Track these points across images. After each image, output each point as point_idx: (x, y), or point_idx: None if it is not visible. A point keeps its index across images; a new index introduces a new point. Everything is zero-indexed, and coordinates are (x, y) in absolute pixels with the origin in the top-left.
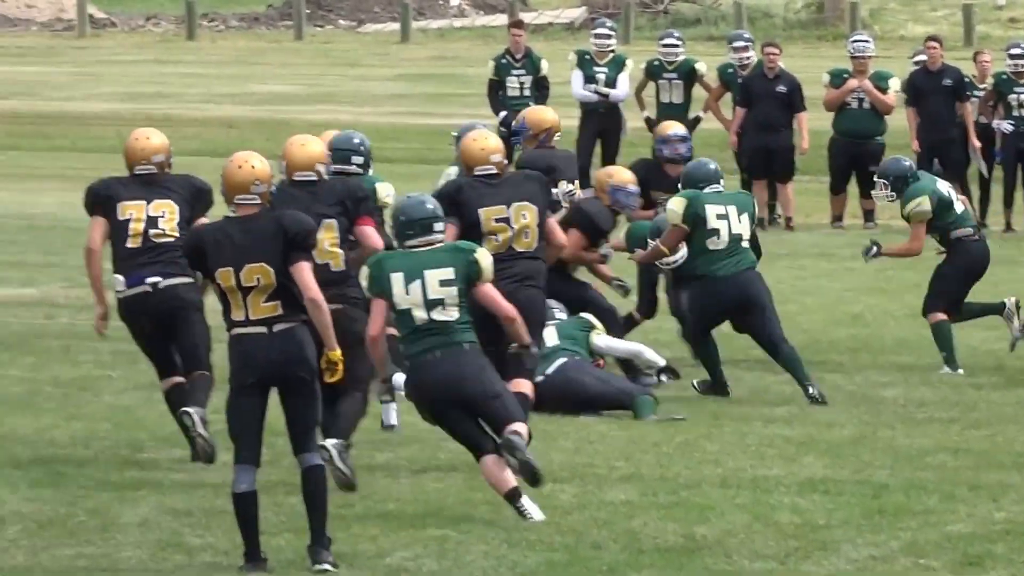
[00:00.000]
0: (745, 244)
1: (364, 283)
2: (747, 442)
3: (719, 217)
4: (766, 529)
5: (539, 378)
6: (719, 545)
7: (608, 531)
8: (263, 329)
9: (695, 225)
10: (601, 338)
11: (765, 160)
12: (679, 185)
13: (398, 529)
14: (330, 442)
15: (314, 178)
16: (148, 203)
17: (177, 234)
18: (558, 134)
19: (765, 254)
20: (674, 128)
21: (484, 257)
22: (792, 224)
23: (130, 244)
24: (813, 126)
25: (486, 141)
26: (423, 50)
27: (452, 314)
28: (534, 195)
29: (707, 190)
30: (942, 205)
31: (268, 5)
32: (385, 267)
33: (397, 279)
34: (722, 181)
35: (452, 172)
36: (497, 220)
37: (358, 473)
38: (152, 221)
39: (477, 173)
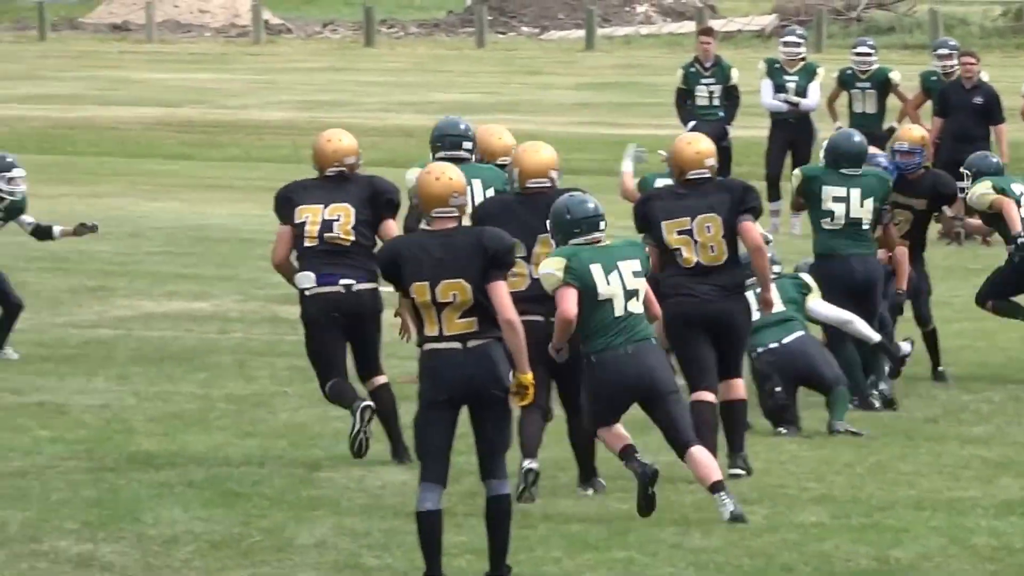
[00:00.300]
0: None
1: (550, 273)
2: (942, 462)
3: (836, 199)
4: (962, 552)
5: (773, 344)
6: (913, 569)
7: (799, 553)
8: (457, 345)
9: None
10: (817, 302)
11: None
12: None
13: (582, 551)
14: (527, 463)
15: (548, 185)
16: (325, 207)
17: (352, 237)
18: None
19: (960, 269)
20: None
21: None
22: (988, 239)
23: (307, 244)
24: (1013, 138)
25: (699, 144)
26: (608, 58)
27: (640, 307)
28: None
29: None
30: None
31: (449, 11)
32: (584, 258)
33: (597, 270)
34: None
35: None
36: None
37: (542, 494)
38: (327, 225)
39: (690, 177)
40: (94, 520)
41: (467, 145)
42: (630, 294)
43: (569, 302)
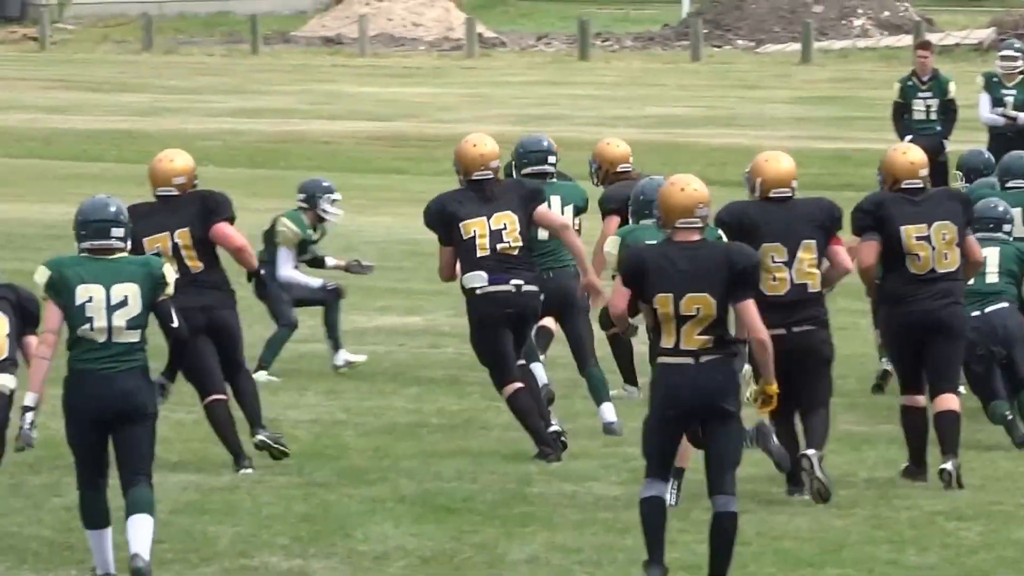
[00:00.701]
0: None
1: (616, 264)
2: None
3: None
4: None
5: (975, 312)
6: None
7: (1016, 571)
8: (690, 360)
9: None
10: None
11: None
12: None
13: (796, 568)
14: (810, 452)
15: (789, 194)
16: (488, 218)
17: (520, 243)
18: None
19: None
20: None
21: None
22: None
23: (479, 255)
24: None
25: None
26: (824, 71)
27: None
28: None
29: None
30: None
31: (664, 24)
32: (638, 236)
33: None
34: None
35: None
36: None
37: (756, 510)
38: (496, 235)
39: (904, 187)
40: (305, 535)
41: (552, 160)
42: None
43: (620, 297)
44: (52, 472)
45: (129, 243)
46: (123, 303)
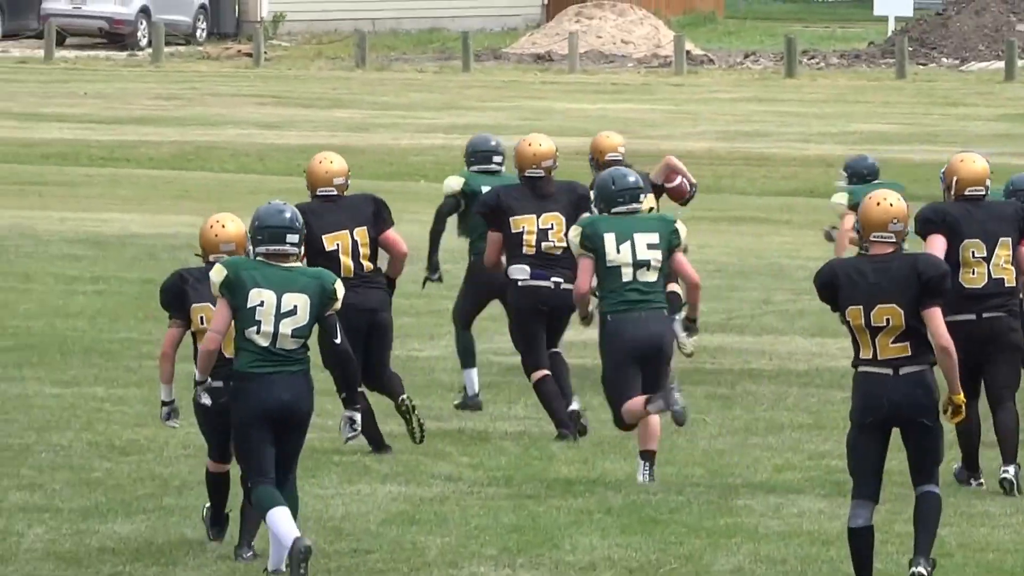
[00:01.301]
0: None
1: (575, 239)
2: None
3: None
4: None
5: None
6: None
7: None
8: (888, 371)
9: None
10: None
11: None
12: None
13: None
14: (1009, 471)
15: (983, 193)
16: (538, 216)
17: (564, 244)
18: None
19: None
20: None
21: (682, 227)
22: None
23: (526, 251)
24: None
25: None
26: None
27: (654, 277)
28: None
29: None
30: None
31: (869, 43)
32: (599, 227)
33: (610, 238)
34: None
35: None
36: None
37: (958, 522)
38: (543, 234)
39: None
40: (513, 546)
41: (497, 159)
42: (640, 264)
43: (584, 271)
44: None
45: (303, 248)
46: (292, 312)
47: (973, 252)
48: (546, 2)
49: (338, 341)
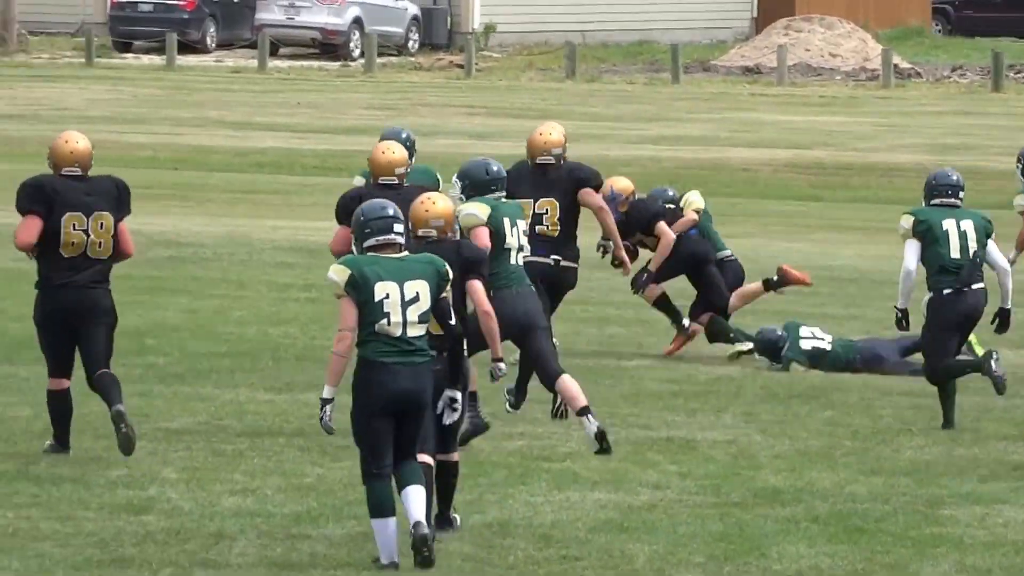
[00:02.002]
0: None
1: (473, 214)
2: None
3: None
4: None
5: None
6: None
7: None
8: None
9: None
10: None
11: None
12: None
13: None
14: None
15: None
16: (535, 201)
17: (559, 228)
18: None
19: None
20: None
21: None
22: None
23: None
24: None
25: None
26: None
27: (522, 260)
28: None
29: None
30: None
31: None
32: (501, 211)
33: (507, 223)
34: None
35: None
36: None
37: None
38: (538, 218)
39: None
40: (720, 554)
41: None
42: (521, 248)
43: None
44: (473, 490)
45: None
46: (415, 299)
47: None
48: (755, 15)
49: (452, 323)
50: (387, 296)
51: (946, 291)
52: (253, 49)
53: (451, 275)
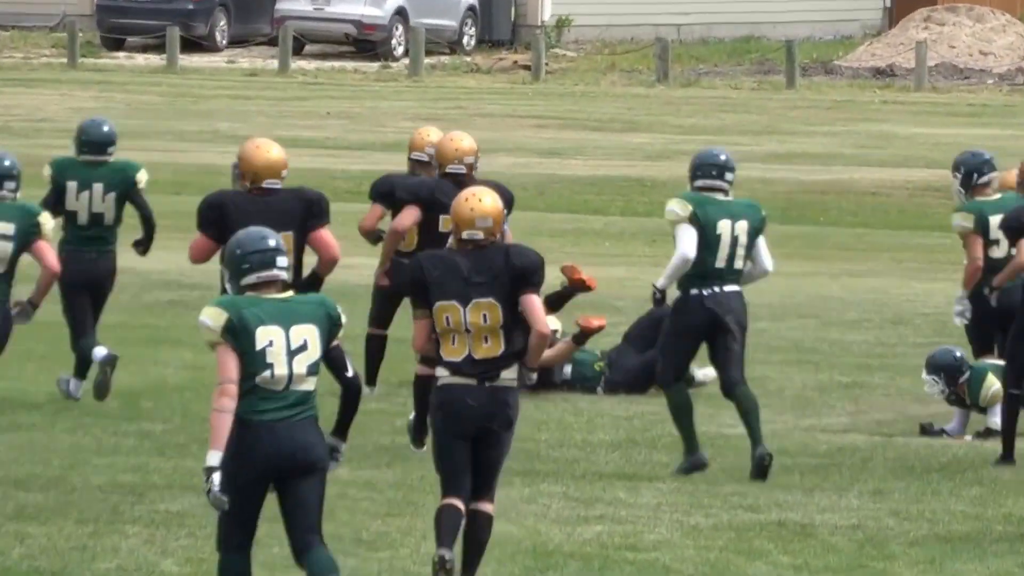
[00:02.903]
0: None
1: None
2: None
3: None
4: None
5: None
6: None
7: None
8: None
9: None
10: None
11: None
12: None
13: None
14: None
15: None
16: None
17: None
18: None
19: None
20: None
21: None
22: None
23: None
24: None
25: None
26: None
27: None
28: None
29: None
30: None
31: None
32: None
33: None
34: None
35: None
36: None
37: None
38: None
39: None
40: None
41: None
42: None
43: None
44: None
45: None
46: (303, 347)
47: None
48: (888, 5)
49: (350, 374)
50: (270, 344)
51: (693, 291)
52: (273, 47)
53: (343, 319)
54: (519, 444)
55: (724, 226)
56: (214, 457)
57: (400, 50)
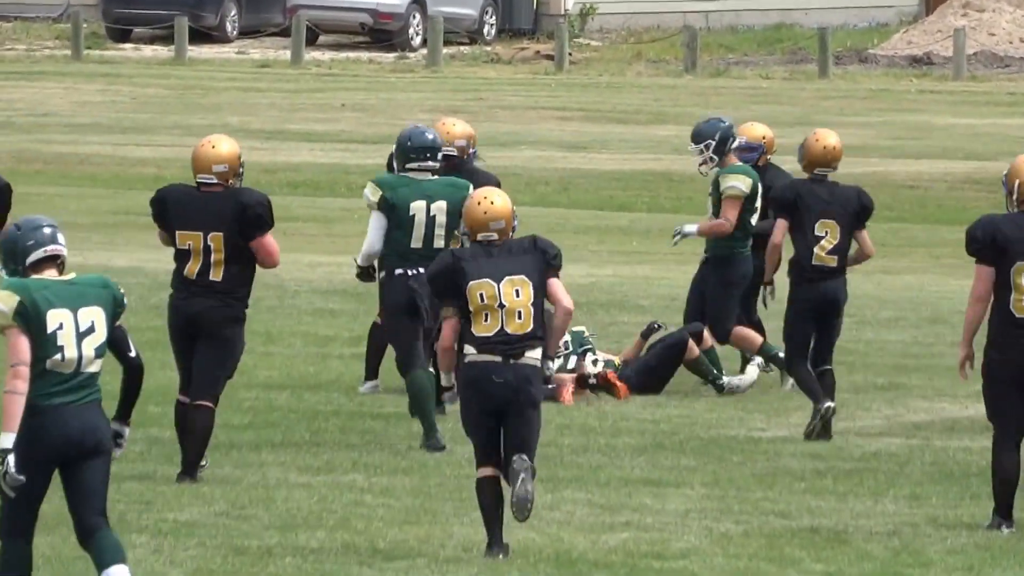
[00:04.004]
0: None
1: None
2: None
3: None
4: None
5: None
6: None
7: None
8: None
9: None
10: None
11: None
12: None
13: None
14: None
15: None
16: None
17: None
18: None
19: None
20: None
21: None
22: None
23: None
24: None
25: None
26: None
27: None
28: None
29: None
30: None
31: None
32: None
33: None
34: None
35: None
36: None
37: None
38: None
39: None
40: None
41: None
42: None
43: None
44: None
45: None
46: (91, 329)
47: None
48: None
49: (132, 354)
50: (60, 327)
51: (398, 271)
52: (285, 37)
53: (125, 301)
54: (541, 449)
55: (419, 207)
56: (7, 439)
57: (417, 40)
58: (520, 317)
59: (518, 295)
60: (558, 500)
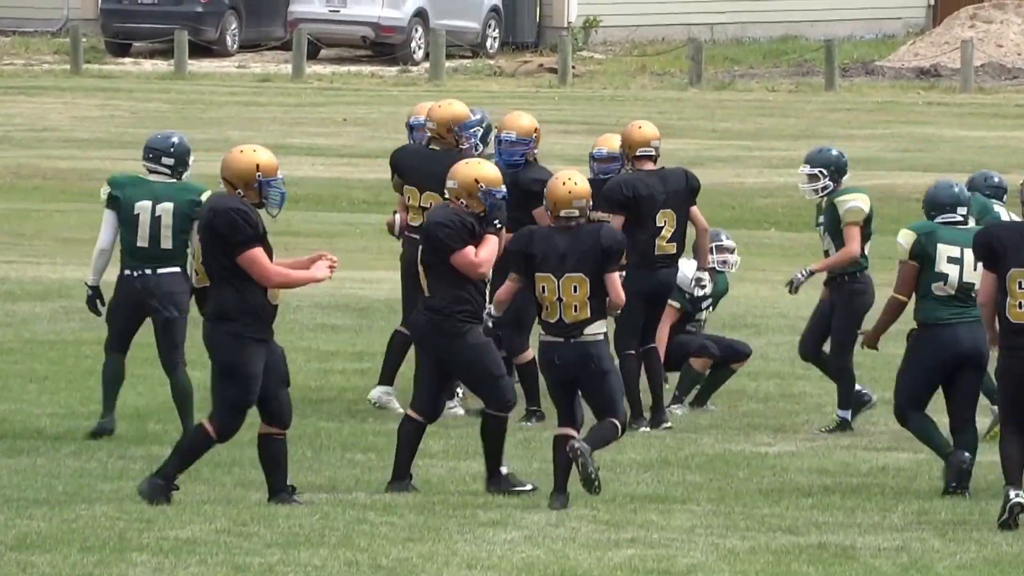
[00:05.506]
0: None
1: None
2: None
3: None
4: None
5: None
6: None
7: None
8: None
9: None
10: None
11: None
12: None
13: None
14: None
15: None
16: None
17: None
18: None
19: None
20: None
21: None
22: None
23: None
24: None
25: None
26: None
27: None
28: None
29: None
30: None
31: None
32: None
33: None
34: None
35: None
36: None
37: None
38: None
39: None
40: None
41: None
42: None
43: None
44: None
45: None
46: None
47: (1021, 283)
48: (932, 2)
49: None
50: None
51: (126, 271)
52: (286, 51)
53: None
54: (544, 467)
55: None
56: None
57: (420, 53)
58: (576, 310)
59: (575, 291)
60: (563, 516)
